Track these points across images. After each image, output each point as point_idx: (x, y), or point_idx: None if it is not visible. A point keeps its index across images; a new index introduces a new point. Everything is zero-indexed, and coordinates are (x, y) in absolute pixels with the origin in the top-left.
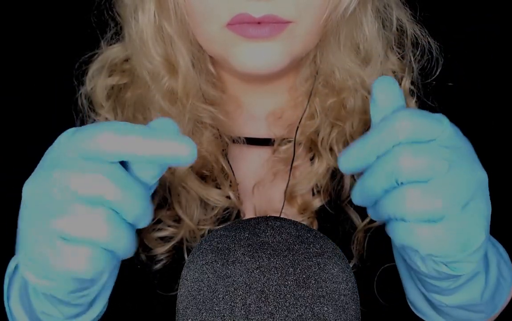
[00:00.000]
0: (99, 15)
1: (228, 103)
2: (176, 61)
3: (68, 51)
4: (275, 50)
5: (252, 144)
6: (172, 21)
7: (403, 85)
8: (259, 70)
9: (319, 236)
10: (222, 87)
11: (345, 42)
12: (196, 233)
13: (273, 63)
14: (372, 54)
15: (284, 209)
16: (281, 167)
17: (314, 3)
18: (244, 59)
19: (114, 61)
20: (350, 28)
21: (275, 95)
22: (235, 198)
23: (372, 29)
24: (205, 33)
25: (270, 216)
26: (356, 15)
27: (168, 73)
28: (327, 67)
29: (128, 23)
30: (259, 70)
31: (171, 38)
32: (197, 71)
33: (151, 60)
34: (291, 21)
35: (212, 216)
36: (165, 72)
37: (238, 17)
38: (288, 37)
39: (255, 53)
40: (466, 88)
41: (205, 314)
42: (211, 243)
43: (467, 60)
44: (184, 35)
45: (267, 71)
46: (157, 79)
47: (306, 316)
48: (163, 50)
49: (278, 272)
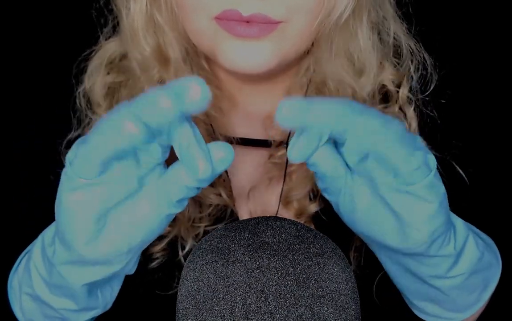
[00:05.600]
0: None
1: (223, 100)
2: (167, 52)
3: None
4: (263, 50)
5: (248, 145)
6: (162, 11)
7: (401, 94)
8: (246, 69)
9: (319, 236)
10: (218, 84)
11: (338, 52)
12: (190, 231)
13: (261, 63)
14: (366, 65)
15: (281, 213)
16: (277, 172)
17: (306, 5)
18: (231, 56)
19: (112, 56)
20: (344, 38)
21: (271, 96)
22: (226, 196)
23: (367, 41)
24: (194, 25)
25: (270, 216)
26: (351, 25)
27: (159, 64)
28: (320, 76)
29: (121, 12)
30: (246, 69)
31: (162, 28)
32: (189, 65)
33: (141, 51)
34: (281, 21)
35: (206, 215)
36: (156, 63)
37: (227, 12)
38: (278, 37)
39: (243, 51)
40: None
41: (205, 314)
42: (211, 243)
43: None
44: (175, 27)
45: (254, 71)
46: (147, 70)
47: (306, 316)
48: (154, 40)
49: (278, 272)
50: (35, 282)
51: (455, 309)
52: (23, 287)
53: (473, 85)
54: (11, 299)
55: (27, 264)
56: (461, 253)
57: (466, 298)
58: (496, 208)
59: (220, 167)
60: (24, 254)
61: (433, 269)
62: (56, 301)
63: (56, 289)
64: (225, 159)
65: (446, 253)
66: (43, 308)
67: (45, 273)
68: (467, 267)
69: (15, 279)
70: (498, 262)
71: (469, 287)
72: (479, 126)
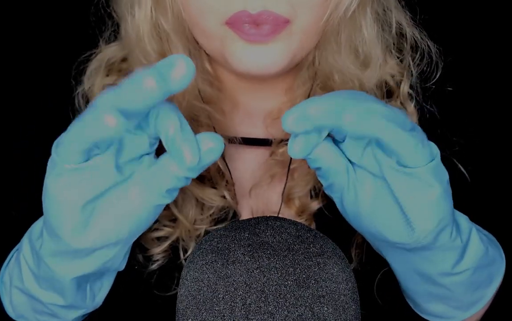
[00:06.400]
0: (97, 13)
1: (225, 102)
2: None
3: (67, 51)
4: (273, 52)
5: (249, 144)
6: (168, 17)
7: (401, 89)
8: (258, 71)
9: (319, 236)
10: (219, 85)
11: (344, 44)
12: (192, 233)
13: (272, 65)
14: (371, 57)
15: (282, 211)
16: (279, 170)
17: (309, 2)
18: (244, 60)
19: (111, 60)
20: (349, 31)
21: (272, 95)
22: (230, 198)
23: (371, 32)
24: (202, 30)
25: (270, 216)
26: (355, 17)
27: None
28: (326, 69)
29: (125, 19)
30: (258, 71)
31: (167, 34)
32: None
33: (147, 56)
34: (288, 19)
35: (208, 216)
36: None
37: (236, 15)
38: (286, 37)
39: (254, 55)
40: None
41: (205, 314)
42: (211, 243)
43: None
44: (181, 32)
45: (266, 72)
46: None
47: (306, 316)
48: (159, 46)
49: (278, 272)
50: (24, 275)
51: (460, 307)
52: (13, 280)
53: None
54: (2, 294)
55: (17, 257)
56: (466, 248)
57: (471, 294)
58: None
59: (209, 157)
60: (16, 249)
61: (440, 266)
62: (44, 295)
63: (44, 283)
64: (215, 149)
65: (452, 245)
66: (32, 303)
67: (33, 265)
68: (473, 262)
69: (6, 274)
70: (502, 258)
71: (475, 283)
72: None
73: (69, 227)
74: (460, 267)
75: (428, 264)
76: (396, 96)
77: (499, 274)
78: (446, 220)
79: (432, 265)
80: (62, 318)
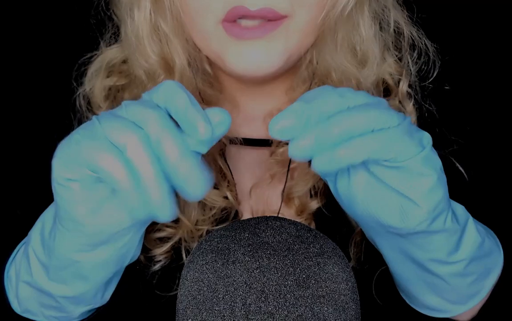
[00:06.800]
0: (97, 16)
1: (225, 103)
2: (172, 59)
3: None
4: (271, 49)
5: (250, 145)
6: (167, 19)
7: (400, 88)
8: (255, 72)
9: (319, 236)
10: (219, 87)
11: (342, 43)
12: (194, 234)
13: (269, 64)
14: (369, 55)
15: (282, 210)
16: (279, 169)
17: (307, 0)
18: (239, 59)
19: (112, 62)
20: (347, 29)
21: (272, 96)
22: (232, 199)
23: (369, 31)
24: (200, 31)
25: (270, 216)
26: (353, 16)
27: (165, 72)
28: (324, 68)
29: (124, 21)
30: (256, 72)
31: (167, 36)
32: (193, 71)
33: (147, 59)
34: (286, 16)
35: (210, 217)
36: (162, 71)
37: (234, 10)
38: (283, 34)
39: (251, 53)
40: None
41: (205, 314)
42: (211, 243)
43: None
44: (180, 34)
45: (263, 72)
46: (153, 78)
47: (306, 316)
48: (159, 48)
49: (278, 272)
50: (33, 267)
51: (456, 300)
52: (21, 275)
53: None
54: (7, 289)
55: (26, 250)
56: (462, 237)
57: (467, 287)
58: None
59: (220, 129)
60: (22, 244)
61: (434, 253)
62: (54, 287)
63: (54, 274)
64: (223, 122)
65: (448, 230)
66: (40, 296)
67: (43, 257)
68: (468, 252)
69: (12, 269)
70: (500, 251)
71: (471, 275)
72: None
73: (83, 209)
74: (456, 256)
75: (422, 250)
76: (394, 94)
77: (497, 268)
78: (440, 207)
79: (426, 251)
80: (69, 313)
